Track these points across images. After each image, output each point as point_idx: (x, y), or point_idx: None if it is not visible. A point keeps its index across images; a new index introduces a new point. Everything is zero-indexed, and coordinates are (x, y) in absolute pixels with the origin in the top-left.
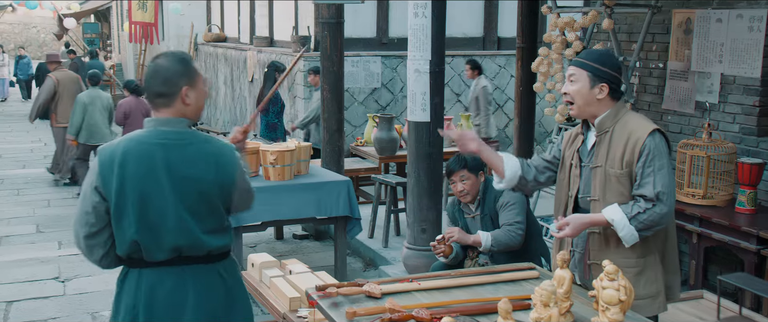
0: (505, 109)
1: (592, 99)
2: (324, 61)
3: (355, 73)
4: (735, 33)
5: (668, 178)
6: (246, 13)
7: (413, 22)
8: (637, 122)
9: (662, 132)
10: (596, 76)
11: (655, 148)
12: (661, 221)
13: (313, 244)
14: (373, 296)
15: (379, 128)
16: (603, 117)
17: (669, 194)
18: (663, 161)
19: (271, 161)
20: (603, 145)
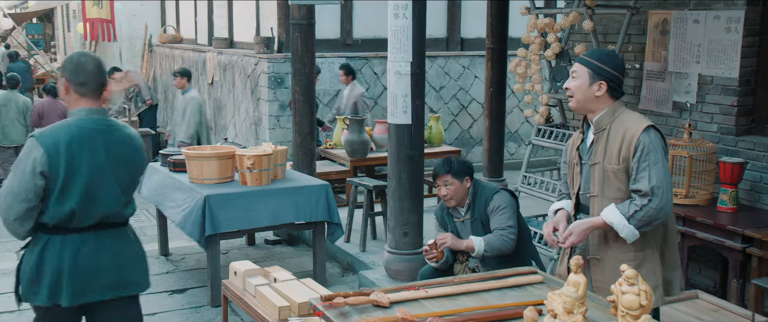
0: (470, 110)
1: (590, 95)
2: (295, 64)
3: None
4: (712, 34)
5: (663, 172)
6: (204, 14)
7: (393, 23)
8: (633, 120)
9: (657, 128)
10: (596, 73)
11: (650, 143)
12: (659, 215)
13: (287, 249)
14: (381, 305)
15: (349, 131)
16: (600, 115)
17: (664, 188)
18: (658, 156)
19: (248, 166)
20: (600, 143)
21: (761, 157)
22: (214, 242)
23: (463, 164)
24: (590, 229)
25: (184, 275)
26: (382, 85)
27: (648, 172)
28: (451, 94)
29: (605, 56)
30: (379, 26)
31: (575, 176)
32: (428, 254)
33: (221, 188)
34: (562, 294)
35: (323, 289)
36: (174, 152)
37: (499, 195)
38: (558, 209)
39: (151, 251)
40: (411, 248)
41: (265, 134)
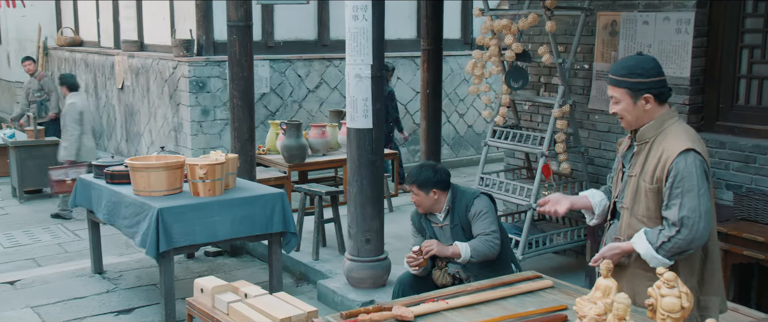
0: None
1: (641, 112)
2: (233, 67)
3: None
4: (662, 35)
5: (697, 201)
6: (108, 15)
7: (352, 25)
8: (674, 138)
9: (698, 151)
10: (636, 90)
11: (685, 169)
12: (689, 246)
13: (231, 261)
14: (405, 319)
15: (286, 135)
16: (645, 127)
17: (695, 218)
18: (692, 183)
19: (201, 176)
20: (641, 156)
21: (714, 154)
22: (168, 257)
23: (433, 176)
24: (622, 254)
25: (128, 293)
26: (306, 87)
27: (680, 200)
28: None
29: (635, 67)
30: (301, 28)
31: (618, 181)
32: (414, 262)
33: (172, 200)
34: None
35: (301, 303)
36: (110, 163)
37: (480, 200)
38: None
39: (82, 269)
40: (374, 254)
41: (187, 141)
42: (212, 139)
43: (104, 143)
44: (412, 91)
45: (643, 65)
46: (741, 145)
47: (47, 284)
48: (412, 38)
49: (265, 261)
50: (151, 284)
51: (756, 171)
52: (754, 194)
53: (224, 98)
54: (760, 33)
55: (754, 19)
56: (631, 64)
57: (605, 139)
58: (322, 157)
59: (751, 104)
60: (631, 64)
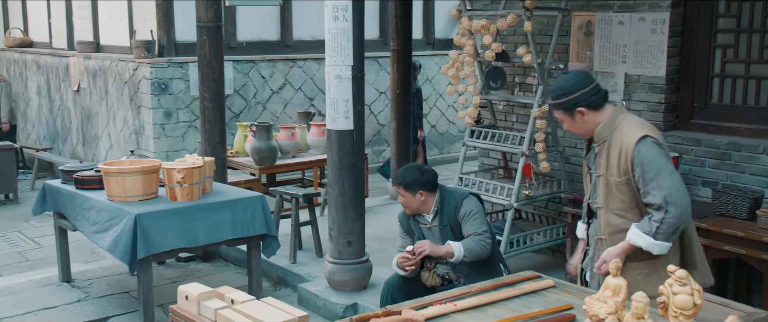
0: None
1: (582, 124)
2: (204, 68)
3: None
4: (638, 35)
5: (670, 178)
6: (60, 15)
7: (332, 26)
8: (628, 131)
9: (651, 135)
10: (568, 109)
11: (647, 154)
12: (681, 220)
13: (203, 266)
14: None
15: (257, 137)
16: (599, 129)
17: (675, 193)
18: (660, 164)
19: (179, 180)
20: (603, 155)
21: (689, 151)
22: (146, 264)
23: (420, 177)
24: (622, 254)
25: (100, 302)
26: (270, 88)
27: (656, 182)
28: None
29: (561, 89)
30: (264, 29)
31: (587, 184)
32: (406, 263)
33: (149, 206)
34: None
35: (291, 308)
36: (78, 168)
37: (469, 200)
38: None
39: (49, 277)
40: (355, 257)
41: (149, 144)
42: (175, 142)
43: (59, 147)
44: (375, 91)
45: (567, 84)
46: (716, 143)
47: (14, 295)
48: (375, 39)
49: (240, 266)
50: (123, 291)
51: (731, 168)
52: (732, 190)
53: (187, 100)
54: (732, 33)
55: (726, 20)
56: (557, 87)
57: (580, 138)
58: (292, 159)
59: (724, 102)
60: (557, 86)
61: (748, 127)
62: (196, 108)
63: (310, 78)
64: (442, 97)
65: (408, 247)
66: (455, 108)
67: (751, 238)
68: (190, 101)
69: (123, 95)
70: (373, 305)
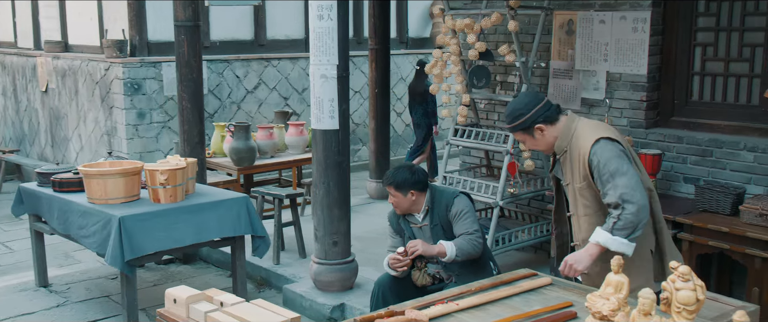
0: None
1: (543, 140)
2: (182, 68)
3: None
4: (619, 33)
5: (625, 178)
6: (26, 15)
7: (317, 25)
8: (583, 136)
9: (606, 137)
10: (527, 129)
11: (602, 155)
12: (639, 217)
13: (184, 268)
14: None
15: (235, 138)
16: (558, 140)
17: (630, 191)
18: (614, 165)
19: (162, 182)
20: (566, 164)
21: (671, 148)
22: (132, 267)
23: (410, 177)
24: (591, 258)
25: (80, 307)
26: (245, 88)
27: (612, 182)
28: None
29: (516, 111)
30: (238, 28)
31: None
32: (398, 263)
33: (132, 208)
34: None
35: (282, 309)
36: (55, 170)
37: (460, 199)
38: None
39: (25, 282)
40: (341, 257)
41: (122, 145)
42: (149, 143)
43: (27, 149)
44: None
45: (520, 104)
46: (697, 140)
47: None
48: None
49: (221, 267)
50: (103, 295)
51: (712, 164)
52: (714, 186)
53: (161, 100)
54: (712, 31)
55: (706, 18)
56: (511, 111)
57: None
58: (270, 159)
59: (704, 100)
60: (511, 110)
61: (728, 124)
62: (169, 108)
63: (284, 77)
64: None
65: (399, 248)
66: None
67: (735, 233)
68: (163, 101)
69: (94, 96)
70: (361, 305)
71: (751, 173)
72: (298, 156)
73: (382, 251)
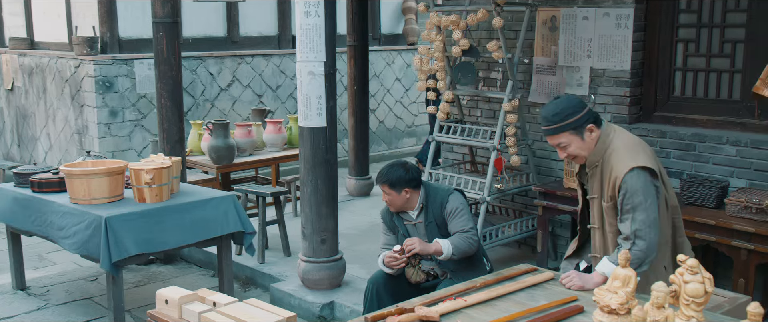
0: None
1: (590, 142)
2: (161, 66)
3: (152, 76)
4: (603, 30)
5: (645, 214)
6: None
7: (304, 22)
8: (619, 158)
9: (644, 167)
10: (576, 127)
11: (632, 185)
12: (646, 254)
13: (165, 269)
14: (431, 319)
15: (214, 136)
16: (592, 155)
17: (646, 229)
18: (639, 199)
19: (147, 181)
20: (595, 179)
21: (654, 143)
22: (118, 268)
23: (405, 174)
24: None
25: (62, 310)
26: (218, 86)
27: (631, 215)
28: (288, 93)
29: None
30: (210, 25)
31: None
32: (395, 261)
33: (118, 208)
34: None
35: (277, 309)
36: (32, 170)
37: (455, 197)
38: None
39: (1, 285)
40: (330, 255)
41: (93, 144)
42: (121, 142)
43: None
44: None
45: (571, 104)
46: (681, 134)
47: None
48: None
49: (204, 267)
50: (85, 297)
51: (696, 158)
52: (699, 180)
53: (133, 98)
54: (693, 28)
55: (687, 15)
56: (560, 109)
57: None
58: (249, 157)
59: (686, 95)
60: (559, 108)
61: (709, 119)
62: (142, 106)
63: (258, 74)
64: (390, 92)
65: (396, 246)
66: (402, 103)
67: (721, 226)
68: (136, 99)
69: (63, 94)
70: (350, 303)
71: (734, 167)
72: (277, 154)
73: (365, 248)
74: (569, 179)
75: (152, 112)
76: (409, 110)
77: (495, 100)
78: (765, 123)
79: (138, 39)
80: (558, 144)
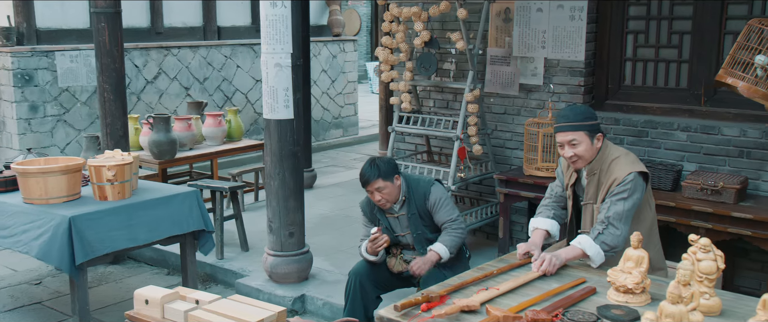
0: (234, 101)
1: (594, 150)
2: (103, 58)
3: (76, 69)
4: (557, 21)
5: (622, 207)
6: None
7: (270, 12)
8: (621, 166)
9: (641, 172)
10: (591, 131)
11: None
12: (617, 241)
13: (115, 269)
14: (472, 309)
15: (155, 130)
16: (594, 161)
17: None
18: (624, 195)
19: (109, 178)
20: (592, 185)
21: (609, 130)
22: (83, 270)
23: (388, 164)
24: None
25: (13, 317)
26: (144, 78)
27: (609, 204)
28: (215, 86)
29: (585, 112)
30: (132, 15)
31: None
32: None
33: (79, 207)
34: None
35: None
36: None
37: (436, 187)
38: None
39: None
40: (297, 248)
41: (12, 141)
42: (43, 138)
43: None
44: (251, 79)
45: (589, 111)
46: (634, 121)
47: None
48: (248, 25)
49: (155, 265)
50: (34, 302)
51: (648, 144)
52: (655, 164)
53: (55, 92)
54: (643, 20)
55: (637, 7)
56: (585, 109)
57: (501, 120)
58: (189, 151)
59: (636, 84)
60: (581, 111)
61: (659, 107)
62: (65, 101)
63: (185, 67)
64: (316, 83)
65: (372, 228)
66: (329, 95)
67: (681, 207)
68: (58, 93)
69: None
70: (322, 295)
71: (685, 151)
72: (219, 147)
73: (320, 240)
74: (529, 167)
75: (76, 106)
76: (336, 102)
77: (448, 90)
78: (712, 110)
79: (58, 30)
80: (570, 140)
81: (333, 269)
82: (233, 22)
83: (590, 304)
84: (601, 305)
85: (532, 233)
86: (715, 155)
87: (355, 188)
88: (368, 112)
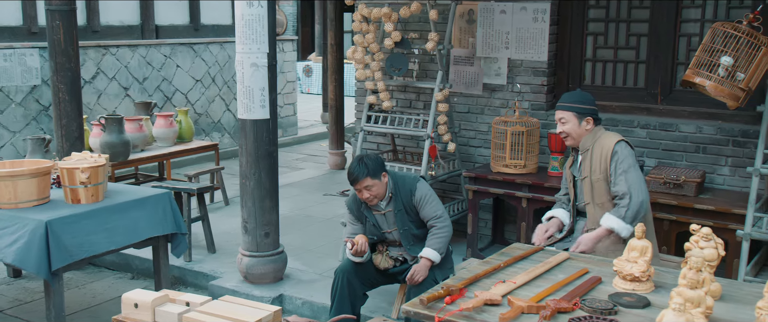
0: (174, 101)
1: (582, 131)
2: (58, 57)
3: (9, 68)
4: (520, 23)
5: (634, 174)
6: None
7: (247, 12)
8: (607, 138)
9: (627, 141)
10: (581, 114)
11: (621, 153)
12: (641, 207)
13: (74, 274)
14: (494, 302)
15: (107, 131)
16: (585, 139)
17: (637, 186)
18: (629, 163)
19: (83, 181)
20: (586, 161)
21: None
22: (59, 275)
23: (376, 162)
24: (597, 239)
25: None
26: (82, 78)
27: (624, 177)
28: (155, 86)
29: (581, 97)
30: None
31: (570, 190)
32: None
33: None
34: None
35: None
36: None
37: (422, 184)
38: (551, 217)
39: None
40: (273, 248)
41: None
42: None
43: None
44: (191, 79)
45: (585, 97)
46: None
47: None
48: (186, 24)
49: (117, 270)
50: None
51: None
52: None
53: None
54: (602, 22)
55: (596, 10)
56: (583, 94)
57: (465, 119)
58: (141, 152)
59: (596, 84)
60: (577, 95)
61: (619, 105)
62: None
63: (124, 66)
64: None
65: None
66: None
67: None
68: None
69: None
70: (300, 294)
71: (645, 148)
72: (171, 148)
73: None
74: (497, 164)
75: (10, 107)
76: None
77: (411, 89)
78: (669, 108)
79: None
80: (560, 118)
81: (306, 269)
82: (171, 21)
83: (600, 292)
84: (612, 293)
85: (548, 221)
86: (674, 151)
87: (309, 187)
88: (303, 111)
